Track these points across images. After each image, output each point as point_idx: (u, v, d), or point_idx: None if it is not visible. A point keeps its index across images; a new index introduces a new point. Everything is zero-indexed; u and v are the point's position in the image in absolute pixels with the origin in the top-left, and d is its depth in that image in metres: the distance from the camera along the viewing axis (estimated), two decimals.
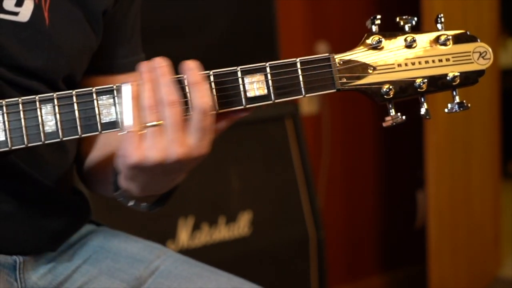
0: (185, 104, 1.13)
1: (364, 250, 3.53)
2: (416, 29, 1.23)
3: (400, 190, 3.57)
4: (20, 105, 1.13)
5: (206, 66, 2.82)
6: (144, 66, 1.14)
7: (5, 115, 1.12)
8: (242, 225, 2.59)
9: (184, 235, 2.47)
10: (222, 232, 2.55)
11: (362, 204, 3.51)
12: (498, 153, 3.32)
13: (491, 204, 3.31)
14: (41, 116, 1.13)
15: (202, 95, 1.11)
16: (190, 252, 2.38)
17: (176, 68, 1.18)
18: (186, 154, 1.12)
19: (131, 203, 1.27)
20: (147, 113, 1.11)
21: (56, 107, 1.13)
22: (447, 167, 3.10)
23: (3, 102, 1.12)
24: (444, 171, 3.08)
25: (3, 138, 1.12)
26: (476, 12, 3.14)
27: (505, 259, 3.42)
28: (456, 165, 3.14)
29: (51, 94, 1.14)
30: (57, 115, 1.13)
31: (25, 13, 1.25)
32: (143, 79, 1.13)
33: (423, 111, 1.21)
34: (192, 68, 1.13)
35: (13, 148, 1.12)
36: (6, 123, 1.12)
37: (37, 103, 1.13)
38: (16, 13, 1.24)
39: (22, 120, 1.12)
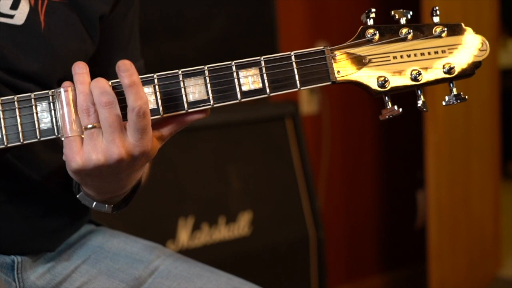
0: (122, 102, 1.12)
1: (364, 250, 3.53)
2: (410, 13, 1.21)
3: (400, 190, 3.57)
4: (16, 103, 1.13)
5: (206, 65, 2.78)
6: (76, 67, 1.14)
7: (0, 112, 1.12)
8: (242, 225, 2.58)
9: (184, 235, 2.46)
10: (222, 232, 2.54)
11: (362, 204, 3.51)
12: (498, 153, 3.32)
13: (491, 204, 3.31)
14: (37, 114, 1.13)
15: (137, 98, 1.10)
16: (190, 252, 2.38)
17: (176, 69, 1.17)
18: (126, 153, 1.12)
19: (94, 205, 1.27)
20: (83, 116, 1.12)
21: (51, 104, 1.13)
22: (447, 167, 3.10)
23: None
24: (444, 171, 3.08)
25: None
26: (476, 12, 3.14)
27: (505, 259, 3.41)
28: (456, 165, 3.14)
29: (47, 91, 1.14)
30: (52, 112, 1.13)
31: (20, 16, 1.25)
32: (75, 81, 1.13)
33: (420, 103, 1.20)
34: (127, 70, 1.11)
35: (8, 145, 1.12)
36: (2, 120, 1.12)
37: (33, 100, 1.13)
38: (11, 16, 1.24)
39: (18, 118, 1.13)
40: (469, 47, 1.21)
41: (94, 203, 1.26)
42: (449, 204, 3.11)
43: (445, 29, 1.20)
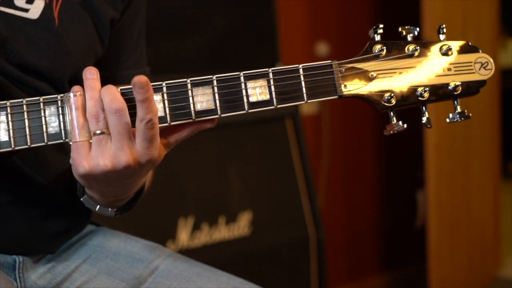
0: (131, 108, 1.13)
1: (364, 250, 3.53)
2: (417, 30, 1.23)
3: (400, 190, 3.57)
4: (24, 106, 1.13)
5: (207, 66, 2.81)
6: (88, 72, 1.14)
7: (9, 115, 1.13)
8: (242, 225, 2.59)
9: (184, 235, 2.47)
10: (222, 232, 2.54)
11: (362, 204, 3.51)
12: (498, 153, 3.32)
13: (491, 204, 3.31)
14: (45, 117, 1.13)
15: (148, 111, 1.11)
16: (190, 252, 2.38)
17: (176, 69, 1.18)
18: (134, 160, 1.13)
19: (97, 209, 1.27)
20: (92, 122, 1.12)
21: (60, 109, 1.14)
22: (447, 167, 3.10)
23: (7, 103, 1.13)
24: (444, 171, 3.08)
25: (6, 139, 1.12)
26: (476, 12, 3.15)
27: (505, 259, 3.42)
28: (456, 165, 3.14)
29: (56, 95, 1.14)
30: (61, 117, 1.14)
31: (35, 11, 1.26)
32: (86, 86, 1.13)
33: (424, 119, 1.23)
34: (142, 87, 1.11)
35: (16, 148, 1.13)
36: (10, 123, 1.12)
37: (41, 104, 1.13)
38: (26, 10, 1.26)
39: (26, 121, 1.13)
40: (474, 66, 1.23)
41: (98, 206, 1.27)
42: (449, 204, 3.12)
43: (452, 47, 1.23)
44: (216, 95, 1.16)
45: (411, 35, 1.23)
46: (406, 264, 3.58)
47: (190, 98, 1.15)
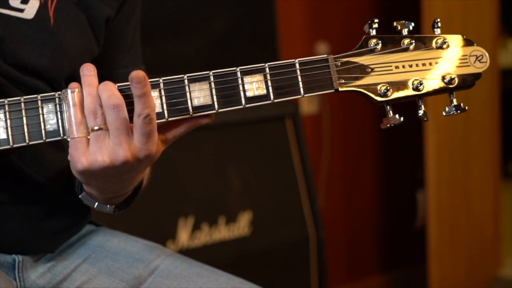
0: (129, 105, 1.13)
1: (364, 250, 3.53)
2: (416, 29, 1.24)
3: (400, 190, 3.57)
4: (22, 104, 1.14)
5: (207, 65, 2.81)
6: (85, 69, 1.14)
7: (7, 113, 1.13)
8: (242, 225, 2.59)
9: (184, 235, 2.47)
10: (222, 232, 2.55)
11: (362, 204, 3.51)
12: (498, 153, 3.32)
13: (491, 204, 3.31)
14: (43, 115, 1.14)
15: (145, 106, 1.11)
16: (190, 252, 2.38)
17: (176, 69, 1.18)
18: (132, 155, 1.13)
19: (96, 206, 1.28)
20: (90, 118, 1.12)
21: (58, 106, 1.14)
22: (447, 167, 3.10)
23: (5, 101, 1.13)
24: (444, 171, 3.08)
25: (4, 136, 1.13)
26: (476, 12, 3.15)
27: (505, 259, 3.42)
28: (456, 165, 3.14)
29: (53, 93, 1.15)
30: (58, 114, 1.14)
31: (30, 11, 1.27)
32: (83, 83, 1.14)
33: (420, 113, 1.23)
34: (140, 82, 1.11)
35: (14, 146, 1.13)
36: (8, 121, 1.13)
37: (39, 102, 1.14)
38: (21, 10, 1.26)
39: (24, 119, 1.13)
40: (469, 59, 1.23)
41: (96, 203, 1.27)
42: (449, 204, 3.12)
43: (447, 40, 1.23)
44: (213, 90, 1.17)
45: (406, 29, 1.23)
46: (406, 264, 3.58)
47: (187, 94, 1.16)
